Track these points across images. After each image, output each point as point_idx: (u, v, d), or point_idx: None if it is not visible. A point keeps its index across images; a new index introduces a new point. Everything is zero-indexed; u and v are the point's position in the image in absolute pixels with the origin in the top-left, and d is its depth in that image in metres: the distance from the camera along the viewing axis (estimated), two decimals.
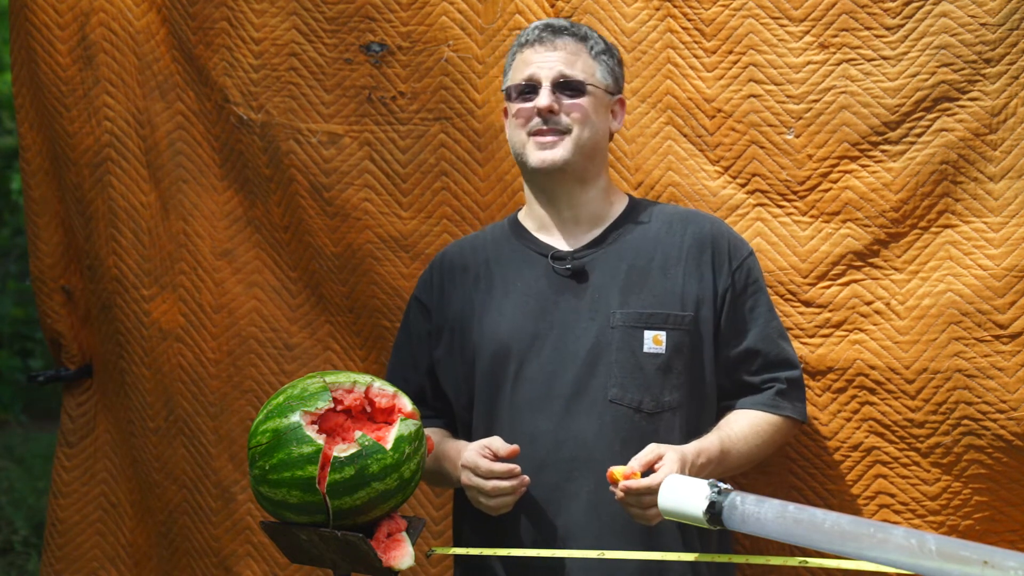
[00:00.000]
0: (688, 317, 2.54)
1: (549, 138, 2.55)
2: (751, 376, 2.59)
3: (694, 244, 2.58)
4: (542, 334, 2.55)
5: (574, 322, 2.54)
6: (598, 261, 2.58)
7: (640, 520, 2.37)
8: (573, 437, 2.49)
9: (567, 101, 2.55)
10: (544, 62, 2.58)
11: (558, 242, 2.62)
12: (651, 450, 2.37)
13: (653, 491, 2.29)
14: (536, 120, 2.55)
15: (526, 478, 2.43)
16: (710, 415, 2.59)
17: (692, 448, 2.42)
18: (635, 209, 2.65)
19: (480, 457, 2.43)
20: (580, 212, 2.61)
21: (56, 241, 3.56)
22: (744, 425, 2.54)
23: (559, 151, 2.54)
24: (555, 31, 2.60)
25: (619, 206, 2.65)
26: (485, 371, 2.58)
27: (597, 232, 2.61)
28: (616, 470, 2.34)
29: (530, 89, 2.58)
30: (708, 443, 2.46)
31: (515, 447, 2.44)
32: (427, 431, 2.42)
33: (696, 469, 2.39)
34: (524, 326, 2.56)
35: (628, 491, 2.32)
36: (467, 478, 2.45)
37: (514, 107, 2.60)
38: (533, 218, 2.66)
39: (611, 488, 2.36)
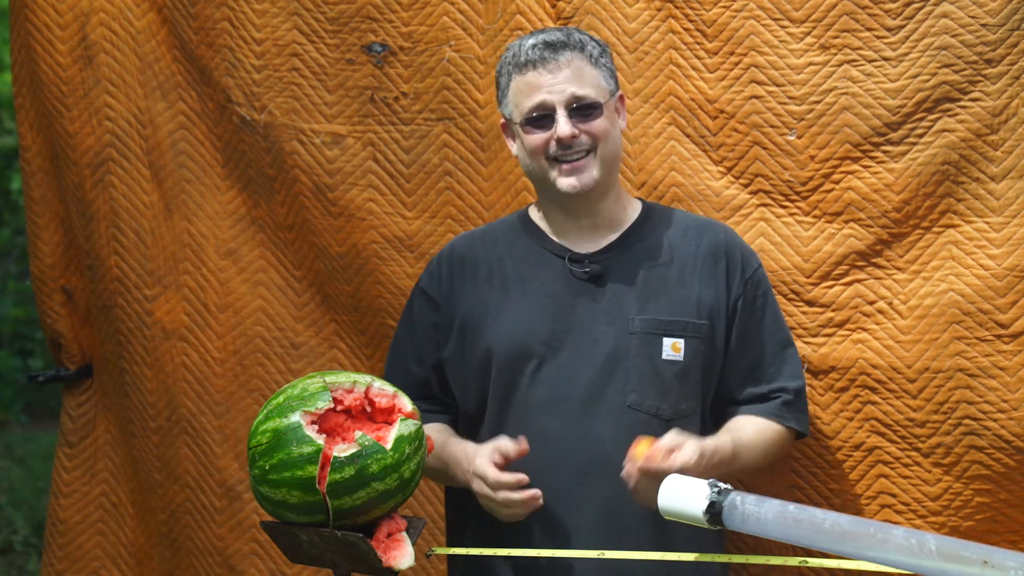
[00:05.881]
0: (705, 326, 2.53)
1: (577, 162, 2.48)
2: (757, 387, 2.57)
3: (709, 253, 2.57)
4: (559, 336, 2.52)
5: (592, 326, 2.52)
6: (616, 265, 2.55)
7: (640, 499, 2.34)
8: (589, 441, 2.47)
9: (584, 124, 2.47)
10: (553, 85, 2.47)
11: (574, 244, 2.59)
12: (674, 437, 2.34)
13: (664, 475, 2.26)
14: (555, 147, 2.47)
15: (537, 492, 2.39)
16: (721, 422, 2.57)
17: (710, 444, 2.39)
18: (650, 214, 2.63)
19: (490, 466, 2.40)
20: (598, 219, 2.58)
21: (56, 241, 3.56)
22: (752, 431, 2.53)
23: (590, 173, 2.49)
24: (554, 48, 2.47)
25: (633, 211, 2.63)
26: (500, 371, 2.55)
27: (614, 236, 2.59)
28: (643, 444, 2.31)
29: (543, 116, 2.48)
30: (722, 443, 2.43)
31: (524, 447, 2.40)
32: (430, 428, 2.40)
33: (709, 467, 2.35)
34: (541, 327, 2.53)
35: (645, 469, 2.29)
36: (478, 486, 2.43)
37: (528, 137, 2.50)
38: (548, 220, 2.62)
39: (629, 462, 2.32)
